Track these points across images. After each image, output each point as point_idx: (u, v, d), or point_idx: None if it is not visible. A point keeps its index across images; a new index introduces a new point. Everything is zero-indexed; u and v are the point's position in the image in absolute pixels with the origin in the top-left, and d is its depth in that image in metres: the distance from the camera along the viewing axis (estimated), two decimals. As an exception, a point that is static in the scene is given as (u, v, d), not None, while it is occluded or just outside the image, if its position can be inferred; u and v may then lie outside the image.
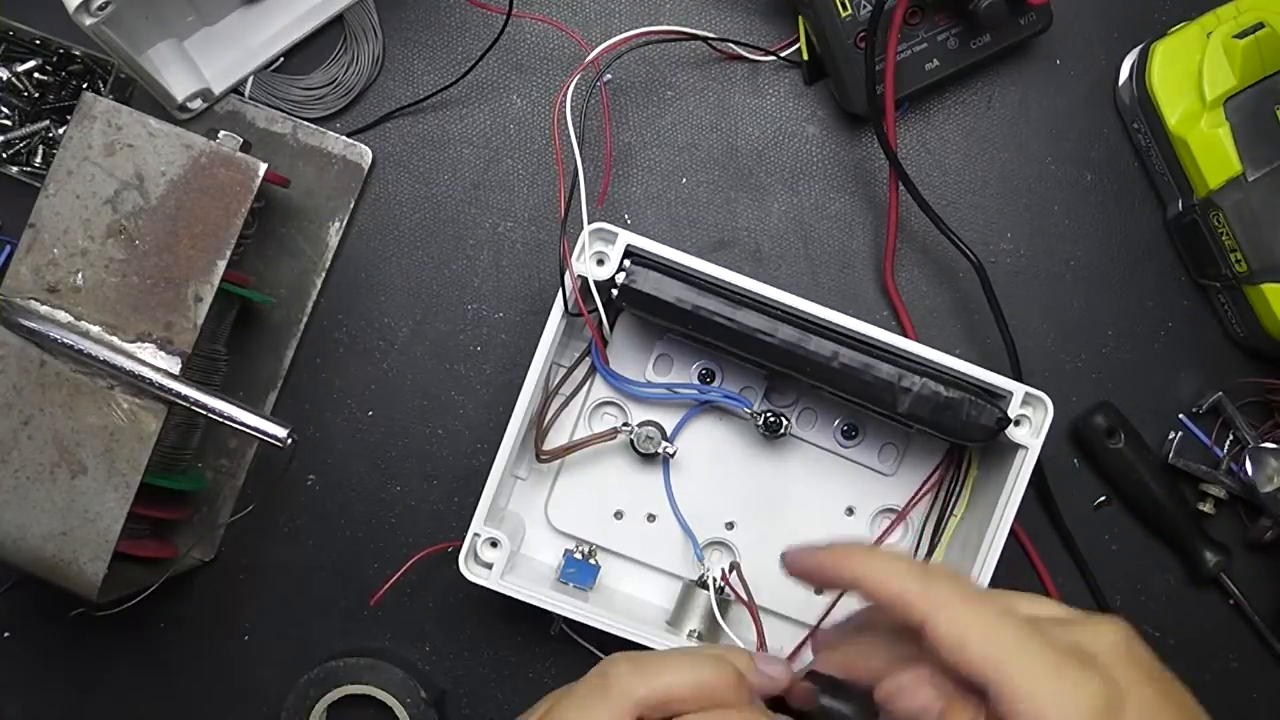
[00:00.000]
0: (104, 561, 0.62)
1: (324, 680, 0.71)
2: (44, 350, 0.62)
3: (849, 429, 0.71)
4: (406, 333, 0.74)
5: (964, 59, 0.72)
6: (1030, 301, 0.75)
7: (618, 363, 0.70)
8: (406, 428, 0.74)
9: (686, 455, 0.71)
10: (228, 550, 0.73)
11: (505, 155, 0.74)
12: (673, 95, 0.75)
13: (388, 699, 0.71)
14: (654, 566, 0.72)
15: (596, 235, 0.64)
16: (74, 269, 0.62)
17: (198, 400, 0.62)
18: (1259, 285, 0.70)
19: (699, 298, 0.64)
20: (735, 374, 0.70)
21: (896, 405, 0.64)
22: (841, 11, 0.70)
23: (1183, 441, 0.74)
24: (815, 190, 0.75)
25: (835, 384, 0.64)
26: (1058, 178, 0.75)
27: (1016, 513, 0.65)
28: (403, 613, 0.74)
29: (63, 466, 0.62)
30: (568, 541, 0.71)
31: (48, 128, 0.73)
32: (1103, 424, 0.72)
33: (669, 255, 0.64)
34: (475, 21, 0.74)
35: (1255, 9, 0.70)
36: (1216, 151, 0.69)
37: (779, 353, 0.64)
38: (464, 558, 0.65)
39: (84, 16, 0.61)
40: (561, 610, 0.65)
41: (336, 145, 0.73)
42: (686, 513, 0.71)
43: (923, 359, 0.65)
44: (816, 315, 0.64)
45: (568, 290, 0.64)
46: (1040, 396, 0.65)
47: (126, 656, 0.73)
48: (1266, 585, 0.75)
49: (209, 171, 0.63)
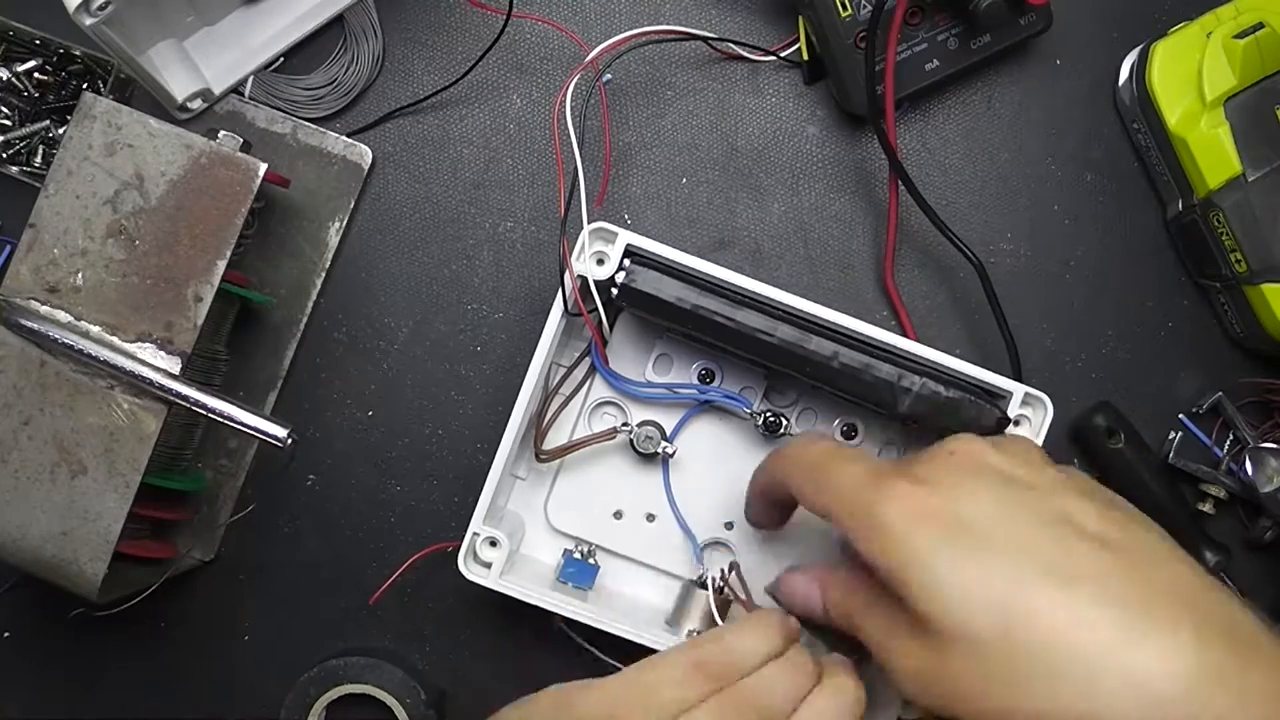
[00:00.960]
0: (104, 561, 0.62)
1: (324, 679, 0.71)
2: (44, 350, 0.62)
3: (849, 429, 0.71)
4: (406, 333, 0.74)
5: (964, 59, 0.72)
6: (1030, 301, 0.75)
7: (617, 362, 0.70)
8: (406, 428, 0.74)
9: (686, 455, 0.71)
10: (228, 550, 0.73)
11: (505, 155, 0.74)
12: (673, 95, 0.75)
13: (387, 699, 0.71)
14: (653, 566, 0.71)
15: (596, 235, 0.64)
16: (74, 269, 0.62)
17: (198, 400, 0.62)
18: (1259, 285, 0.70)
19: (699, 297, 0.64)
20: (735, 374, 0.70)
21: (896, 405, 0.64)
22: (841, 11, 0.70)
23: (1183, 441, 0.74)
24: (815, 190, 0.75)
25: (835, 383, 0.64)
26: (1058, 178, 0.75)
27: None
28: (402, 612, 0.74)
29: (63, 466, 0.62)
30: (567, 541, 0.71)
31: (48, 128, 0.73)
32: (1103, 424, 0.72)
33: (669, 255, 0.64)
34: (475, 21, 0.74)
35: (1255, 9, 0.70)
36: (1216, 151, 0.69)
37: (779, 352, 0.64)
38: (463, 557, 0.65)
39: (84, 16, 0.61)
40: (560, 610, 0.65)
41: (336, 145, 0.73)
42: (686, 513, 0.71)
43: (922, 359, 0.65)
44: (816, 315, 0.64)
45: (567, 290, 0.64)
46: (1040, 397, 0.65)
47: (126, 656, 0.73)
48: (1267, 585, 0.75)
49: (209, 171, 0.63)
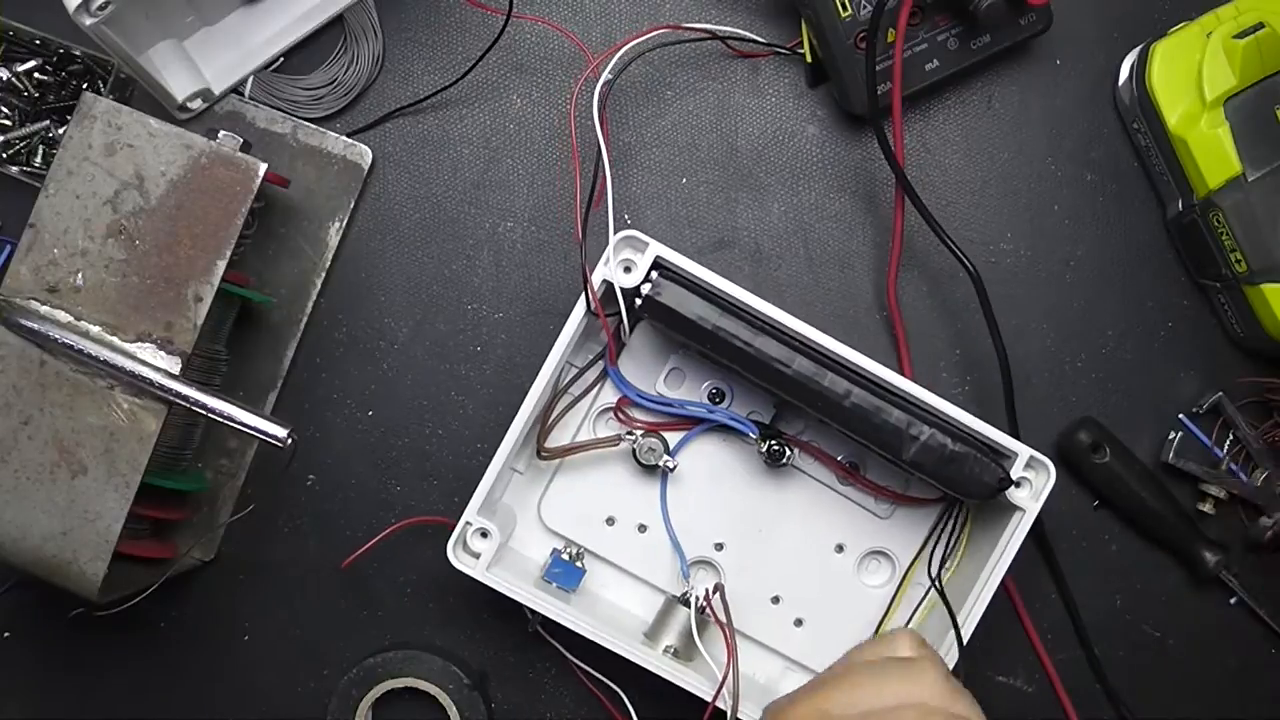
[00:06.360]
0: (104, 561, 0.62)
1: (364, 679, 0.71)
2: (44, 350, 0.62)
3: (851, 465, 0.70)
4: (406, 333, 0.74)
5: (964, 59, 0.72)
6: (1030, 301, 0.75)
7: (630, 371, 0.70)
8: (406, 428, 0.74)
9: (686, 471, 0.71)
10: (228, 550, 0.73)
11: (505, 155, 0.74)
12: (673, 95, 0.75)
13: (430, 688, 0.71)
14: (639, 577, 0.72)
15: (626, 242, 0.64)
16: (74, 269, 0.62)
17: (198, 400, 0.62)
18: (1259, 285, 0.70)
19: (720, 318, 0.63)
20: (745, 398, 0.70)
21: (902, 451, 0.64)
22: (841, 12, 0.70)
23: (1183, 442, 0.74)
24: (815, 190, 0.75)
25: (844, 422, 0.64)
26: (1058, 178, 0.75)
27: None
28: (402, 612, 0.74)
29: (63, 466, 0.62)
30: (557, 541, 0.71)
31: (48, 128, 0.73)
32: (1086, 440, 0.72)
33: (696, 271, 0.64)
34: (475, 22, 0.74)
35: (1255, 9, 0.70)
36: (1216, 151, 0.69)
37: (793, 384, 0.64)
38: (453, 546, 0.65)
39: (84, 16, 0.61)
40: (542, 609, 0.65)
41: (336, 145, 0.73)
42: (678, 528, 0.71)
43: (934, 409, 0.65)
44: (835, 352, 0.64)
45: (590, 292, 0.64)
46: (1044, 461, 0.65)
47: (126, 656, 0.73)
48: (1267, 584, 0.75)
49: (209, 171, 0.63)
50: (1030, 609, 0.74)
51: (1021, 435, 0.68)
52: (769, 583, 0.71)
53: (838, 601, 0.71)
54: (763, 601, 0.71)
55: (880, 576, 0.72)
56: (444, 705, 0.71)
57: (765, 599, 0.71)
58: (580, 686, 0.72)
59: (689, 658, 0.68)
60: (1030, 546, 0.73)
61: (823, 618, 0.71)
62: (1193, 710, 0.75)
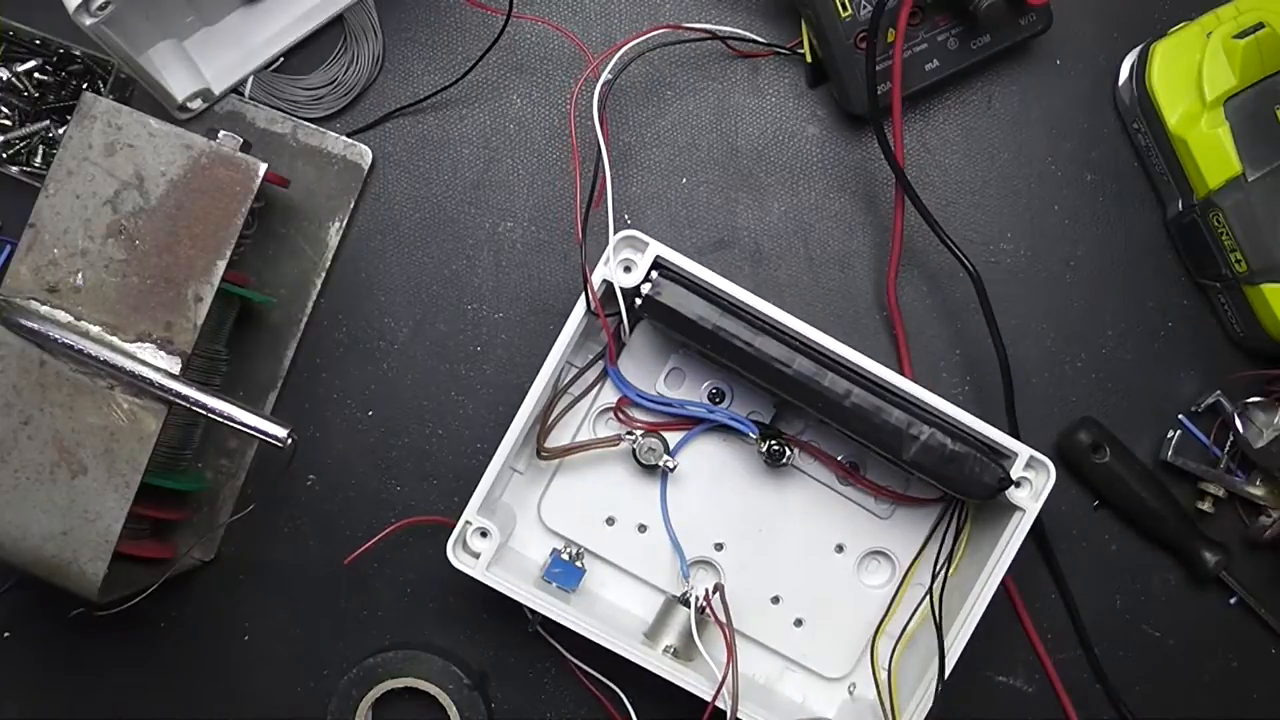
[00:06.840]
0: (104, 561, 0.62)
1: (364, 679, 0.71)
2: (44, 350, 0.62)
3: (851, 465, 0.70)
4: (406, 333, 0.74)
5: (964, 59, 0.72)
6: (1030, 301, 0.75)
7: (630, 371, 0.70)
8: (406, 428, 0.74)
9: (686, 471, 0.71)
10: (228, 550, 0.73)
11: (505, 155, 0.74)
12: (673, 95, 0.75)
13: (430, 688, 0.71)
14: (638, 577, 0.72)
15: (626, 242, 0.64)
16: (74, 269, 0.62)
17: (198, 400, 0.62)
18: (1259, 285, 0.70)
19: (720, 318, 0.63)
20: (745, 398, 0.70)
21: (902, 452, 0.64)
22: (841, 12, 0.70)
23: (1182, 441, 0.74)
24: (815, 190, 0.75)
25: (845, 422, 0.64)
26: (1058, 178, 0.75)
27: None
28: (402, 612, 0.74)
29: (63, 466, 0.62)
30: (557, 541, 0.71)
31: (48, 128, 0.73)
32: (1086, 440, 0.72)
33: (696, 271, 0.64)
34: (475, 22, 0.74)
35: (1255, 9, 0.70)
36: (1216, 151, 0.69)
37: (793, 384, 0.64)
38: (453, 545, 0.65)
39: (84, 16, 0.61)
40: (542, 609, 0.65)
41: (336, 145, 0.73)
42: (678, 528, 0.71)
43: (934, 409, 0.65)
44: (835, 352, 0.64)
45: (591, 292, 0.64)
46: (1044, 461, 0.65)
47: (126, 656, 0.73)
48: (1267, 584, 0.75)
49: (209, 171, 0.63)
50: (1030, 609, 0.74)
51: (1021, 435, 0.68)
52: (769, 583, 0.71)
53: (838, 601, 0.71)
54: (763, 601, 0.71)
55: (880, 576, 0.72)
56: (444, 705, 0.71)
57: (765, 599, 0.71)
58: (580, 686, 0.72)
59: (689, 658, 0.68)
60: (1030, 546, 0.73)
61: (823, 618, 0.71)
62: (1193, 710, 0.75)
